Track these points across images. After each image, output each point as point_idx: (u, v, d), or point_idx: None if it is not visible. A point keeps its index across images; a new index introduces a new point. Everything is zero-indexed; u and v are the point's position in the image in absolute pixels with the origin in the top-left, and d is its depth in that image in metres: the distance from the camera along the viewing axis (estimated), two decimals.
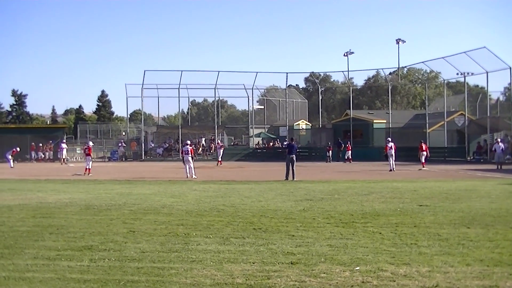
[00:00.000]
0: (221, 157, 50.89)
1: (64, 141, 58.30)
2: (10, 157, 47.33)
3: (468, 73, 52.94)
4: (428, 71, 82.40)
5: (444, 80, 60.71)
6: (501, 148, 39.91)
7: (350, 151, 53.91)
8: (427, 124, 58.39)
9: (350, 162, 51.84)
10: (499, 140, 41.79)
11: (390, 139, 40.72)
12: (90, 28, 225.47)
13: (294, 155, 29.91)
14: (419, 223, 13.61)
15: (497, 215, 14.86)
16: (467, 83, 57.49)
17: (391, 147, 38.00)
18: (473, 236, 11.72)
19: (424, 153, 40.26)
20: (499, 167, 38.61)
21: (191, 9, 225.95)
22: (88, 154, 36.74)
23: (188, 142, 35.49)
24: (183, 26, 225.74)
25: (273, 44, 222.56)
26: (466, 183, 26.56)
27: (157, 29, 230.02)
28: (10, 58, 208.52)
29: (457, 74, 54.35)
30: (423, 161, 39.92)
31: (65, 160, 55.02)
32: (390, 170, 36.49)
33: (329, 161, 52.70)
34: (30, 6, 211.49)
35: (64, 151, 55.71)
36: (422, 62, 61.34)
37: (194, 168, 32.54)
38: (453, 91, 75.52)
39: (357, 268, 9.00)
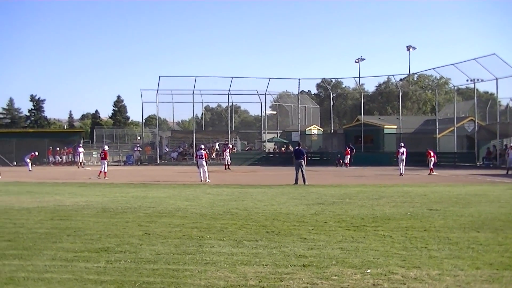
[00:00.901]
0: (227, 162, 49.95)
1: (81, 145, 58.53)
2: (28, 160, 47.61)
3: (478, 80, 52.71)
4: (438, 77, 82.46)
5: (454, 86, 60.43)
6: None
7: (349, 156, 52.87)
8: (437, 130, 58.23)
9: (347, 167, 50.88)
10: (511, 145, 41.48)
11: (402, 144, 40.63)
12: (106, 34, 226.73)
13: (302, 160, 29.85)
14: (429, 227, 13.58)
15: (506, 220, 14.81)
16: (477, 89, 57.27)
17: (402, 152, 37.99)
18: (482, 240, 11.68)
19: (432, 159, 40.11)
20: (508, 172, 38.36)
21: (205, 16, 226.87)
22: (104, 158, 36.82)
23: (202, 146, 35.53)
24: (197, 33, 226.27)
25: (285, 50, 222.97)
26: (476, 188, 26.44)
27: (171, 35, 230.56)
28: (29, 64, 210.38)
29: (467, 80, 54.17)
30: (431, 166, 39.77)
31: (82, 163, 55.20)
32: (400, 175, 36.46)
33: (347, 166, 51.98)
34: (48, 13, 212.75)
35: (81, 155, 55.95)
36: (433, 68, 61.20)
37: (208, 172, 32.60)
38: (463, 97, 75.15)
39: (368, 271, 8.99)
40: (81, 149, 56.47)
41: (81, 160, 55.28)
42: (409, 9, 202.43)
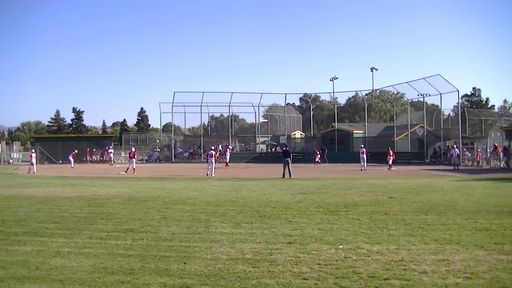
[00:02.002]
0: (228, 160, 50.74)
1: (111, 146, 58.40)
2: (71, 158, 47.48)
3: (426, 94, 52.73)
4: (396, 92, 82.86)
5: (408, 99, 60.76)
6: (457, 153, 39.66)
7: (318, 155, 52.42)
8: (395, 134, 58.38)
9: (316, 164, 50.27)
10: (455, 146, 41.52)
11: (362, 146, 40.95)
12: (133, 59, 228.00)
13: (288, 158, 29.67)
14: (389, 211, 13.61)
15: (448, 205, 14.85)
16: (425, 102, 57.59)
17: (362, 152, 38.12)
18: (430, 221, 11.72)
19: (391, 157, 40.23)
20: (455, 167, 38.28)
21: (213, 43, 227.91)
22: (132, 157, 36.63)
23: (213, 147, 35.35)
24: (204, 57, 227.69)
25: (274, 70, 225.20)
26: (425, 180, 26.47)
27: (184, 61, 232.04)
28: (71, 82, 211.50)
29: (418, 95, 54.20)
30: (390, 163, 39.82)
31: (113, 161, 55.06)
32: (361, 170, 36.42)
33: (319, 163, 52.00)
34: (82, 42, 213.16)
35: (111, 155, 55.91)
36: (391, 85, 61.51)
37: (214, 168, 32.56)
38: (415, 108, 74.98)
39: (341, 246, 9.01)
40: (111, 150, 56.42)
41: (111, 159, 55.22)
42: (373, 36, 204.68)
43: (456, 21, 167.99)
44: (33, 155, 38.40)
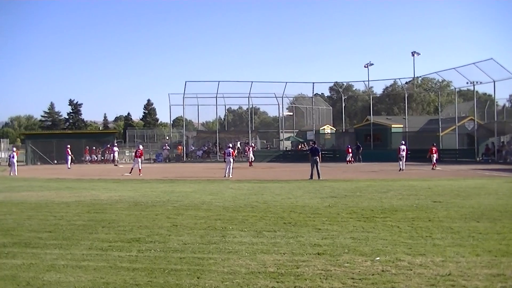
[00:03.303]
0: (252, 158, 50.69)
1: (116, 144, 58.74)
2: (69, 156, 47.53)
3: (477, 82, 52.26)
4: (441, 80, 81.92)
5: (455, 88, 60.06)
6: None
7: (350, 154, 52.31)
8: (440, 128, 57.89)
9: (348, 163, 50.22)
10: None
11: (403, 142, 40.39)
12: (137, 43, 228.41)
13: (317, 157, 29.64)
14: (433, 217, 13.50)
15: (503, 210, 14.70)
16: (476, 91, 56.74)
17: (403, 150, 37.60)
18: (482, 229, 11.60)
19: (435, 155, 39.78)
20: None
21: (228, 25, 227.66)
22: (139, 156, 36.61)
23: (230, 145, 35.42)
24: (220, 41, 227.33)
25: (301, 56, 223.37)
26: (476, 181, 26.23)
27: (197, 44, 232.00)
28: (67, 70, 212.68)
29: (467, 83, 53.64)
30: (434, 162, 39.44)
31: (118, 161, 55.35)
32: (400, 170, 36.09)
33: (352, 162, 51.72)
34: (83, 25, 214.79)
35: (116, 154, 56.17)
36: (435, 72, 60.62)
37: (232, 169, 32.61)
38: (463, 98, 74.53)
39: (377, 258, 8.95)
40: (116, 148, 56.75)
41: (116, 158, 55.57)
42: (414, 17, 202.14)
43: None
44: (15, 154, 38.53)
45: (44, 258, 9.36)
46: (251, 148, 53.71)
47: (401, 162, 36.91)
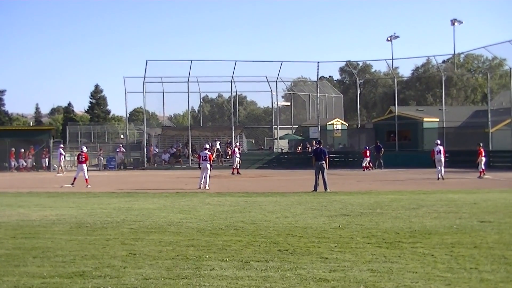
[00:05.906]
0: (237, 164, 50.33)
1: (62, 146, 57.79)
2: None
3: None
4: (491, 58, 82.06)
5: (510, 68, 60.22)
6: None
7: (368, 158, 52.35)
8: (490, 123, 57.92)
9: (364, 170, 50.67)
10: None
11: (438, 142, 40.20)
12: (80, 16, 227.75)
13: (323, 162, 29.59)
14: (480, 243, 13.55)
15: None
16: None
17: (439, 151, 37.55)
18: None
19: (483, 158, 39.45)
20: None
21: None
22: (83, 162, 36.23)
23: (207, 146, 35.51)
24: (192, 9, 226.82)
25: (301, 27, 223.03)
26: None
27: (161, 12, 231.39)
28: None
29: None
30: (483, 167, 39.40)
31: (62, 168, 54.64)
32: (438, 179, 36.11)
33: (370, 169, 51.88)
34: None
35: (62, 158, 55.00)
36: (483, 47, 60.81)
37: (209, 177, 32.65)
38: None
39: None
40: (62, 151, 55.66)
41: (62, 164, 54.85)
42: None
43: None
44: None
45: None
46: (237, 150, 53.71)
47: (439, 168, 36.88)
